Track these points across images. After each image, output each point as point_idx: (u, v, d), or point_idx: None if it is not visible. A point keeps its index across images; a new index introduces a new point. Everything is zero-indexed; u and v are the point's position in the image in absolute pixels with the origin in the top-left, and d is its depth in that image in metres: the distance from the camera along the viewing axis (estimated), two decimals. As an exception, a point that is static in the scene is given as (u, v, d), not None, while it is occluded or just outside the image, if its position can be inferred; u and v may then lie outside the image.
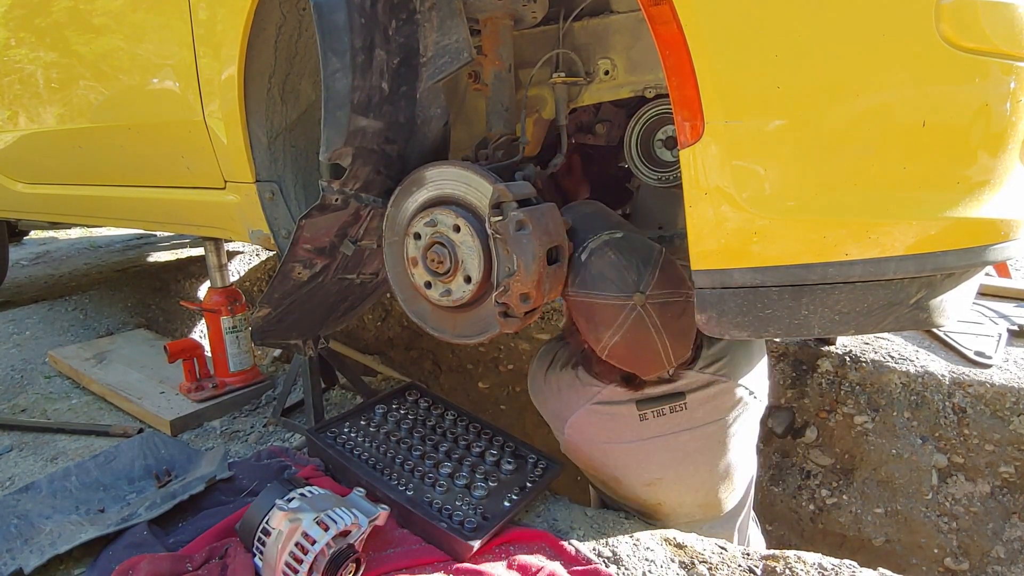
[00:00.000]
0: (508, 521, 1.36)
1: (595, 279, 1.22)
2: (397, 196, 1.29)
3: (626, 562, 1.29)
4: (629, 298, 1.19)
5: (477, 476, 1.48)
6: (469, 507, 1.37)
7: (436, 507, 1.36)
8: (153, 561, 1.22)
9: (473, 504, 1.39)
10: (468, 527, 1.30)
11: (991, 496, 2.01)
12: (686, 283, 1.22)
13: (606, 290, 1.20)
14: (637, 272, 1.20)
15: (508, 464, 1.51)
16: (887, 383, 2.16)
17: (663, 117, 1.46)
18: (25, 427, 2.01)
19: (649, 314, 1.19)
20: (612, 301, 1.20)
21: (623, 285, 1.19)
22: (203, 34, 1.46)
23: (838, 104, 0.89)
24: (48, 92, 2.03)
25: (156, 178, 1.94)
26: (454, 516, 1.34)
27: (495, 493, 1.43)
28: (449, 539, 1.28)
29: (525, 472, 1.51)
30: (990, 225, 0.94)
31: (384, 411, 1.71)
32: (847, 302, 0.96)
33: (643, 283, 1.19)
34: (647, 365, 1.28)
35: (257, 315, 1.47)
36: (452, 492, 1.43)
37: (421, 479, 1.46)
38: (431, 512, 1.34)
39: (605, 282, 1.21)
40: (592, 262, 1.23)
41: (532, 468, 1.52)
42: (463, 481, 1.45)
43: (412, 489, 1.42)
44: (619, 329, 1.21)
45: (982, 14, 0.87)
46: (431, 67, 1.23)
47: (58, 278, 3.89)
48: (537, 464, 1.53)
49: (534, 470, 1.52)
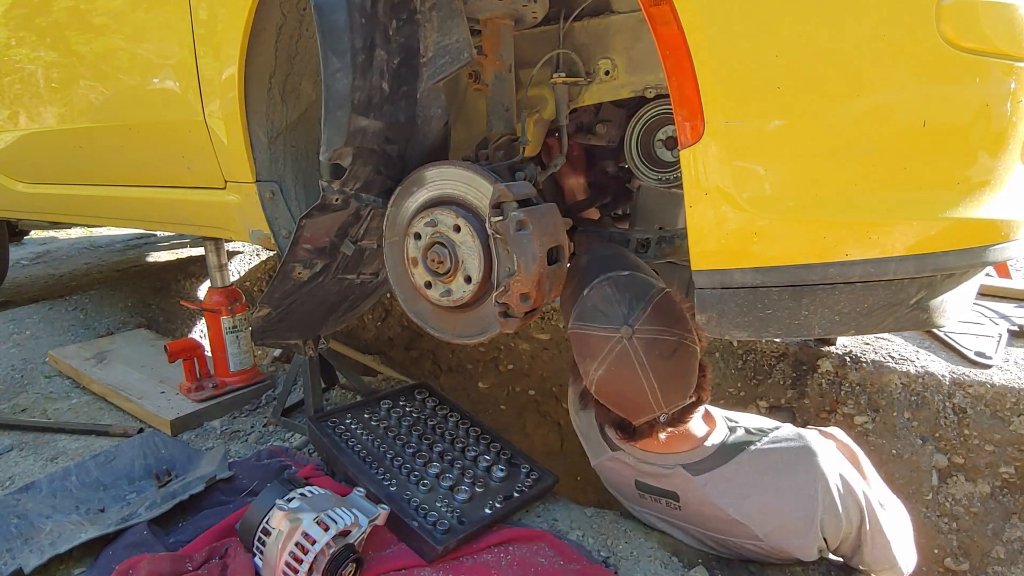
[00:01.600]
0: (485, 527, 1.33)
1: (589, 311, 1.22)
2: (397, 196, 1.29)
3: (626, 562, 1.29)
4: (616, 330, 1.16)
5: (465, 479, 1.46)
6: (447, 509, 1.36)
7: (414, 505, 1.35)
8: (153, 561, 1.22)
9: (452, 507, 1.37)
10: (440, 528, 1.29)
11: (991, 496, 2.01)
12: (683, 325, 1.18)
13: (596, 321, 1.20)
14: (628, 306, 1.18)
15: (500, 471, 1.49)
16: (887, 383, 2.16)
17: (663, 117, 1.46)
18: (25, 427, 2.01)
19: (635, 349, 1.15)
20: (599, 332, 1.19)
21: (612, 317, 1.18)
22: (203, 34, 1.46)
23: (838, 104, 0.89)
24: (48, 92, 2.03)
25: (156, 178, 1.94)
26: (428, 516, 1.32)
27: (478, 498, 1.41)
28: (418, 538, 1.27)
29: (515, 481, 1.48)
30: (990, 225, 0.94)
31: (389, 407, 1.72)
32: (847, 302, 0.96)
33: (632, 317, 1.16)
34: (633, 406, 1.20)
35: (257, 315, 1.47)
36: (435, 492, 1.42)
37: (407, 476, 1.45)
38: (407, 510, 1.33)
39: (596, 314, 1.21)
40: (590, 296, 1.24)
41: (524, 478, 1.49)
42: (448, 483, 1.43)
43: (395, 485, 1.42)
44: (603, 362, 1.18)
45: (982, 14, 0.87)
46: (431, 67, 1.23)
47: (58, 278, 3.89)
48: (530, 474, 1.50)
49: (525, 480, 1.48)
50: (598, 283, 1.25)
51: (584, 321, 1.22)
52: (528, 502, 1.45)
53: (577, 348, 1.25)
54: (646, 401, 1.17)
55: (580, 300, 1.25)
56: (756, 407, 2.39)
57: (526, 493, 1.44)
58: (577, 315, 1.25)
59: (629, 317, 1.17)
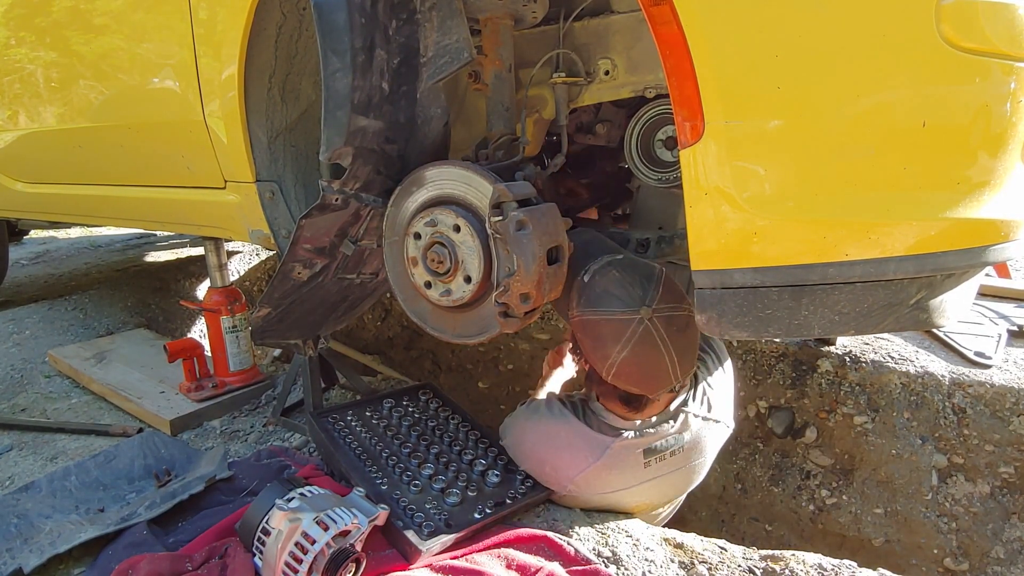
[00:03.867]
0: (473, 532, 1.31)
1: (600, 297, 1.24)
2: (397, 196, 1.29)
3: (626, 562, 1.29)
4: (636, 312, 1.21)
5: (458, 483, 1.44)
6: (436, 511, 1.35)
7: (403, 505, 1.34)
8: (153, 561, 1.22)
9: (441, 509, 1.36)
10: (426, 530, 1.27)
11: (991, 496, 2.01)
12: (687, 299, 1.24)
13: (612, 306, 1.23)
14: (642, 288, 1.23)
15: (494, 477, 1.46)
16: (887, 383, 2.16)
17: (663, 117, 1.46)
18: (25, 426, 2.01)
19: (656, 327, 1.21)
20: (619, 316, 1.22)
21: (629, 300, 1.22)
22: (203, 34, 1.46)
23: (838, 104, 0.89)
24: (48, 92, 2.03)
25: (156, 178, 1.94)
26: (415, 517, 1.31)
27: (469, 503, 1.38)
28: (402, 538, 1.26)
29: (509, 488, 1.45)
30: (990, 226, 0.94)
31: (391, 406, 1.71)
32: (847, 302, 0.96)
33: (648, 297, 1.22)
34: (655, 381, 1.27)
35: (257, 315, 1.47)
36: (425, 494, 1.40)
37: (400, 476, 1.44)
38: (395, 510, 1.32)
39: (611, 298, 1.23)
40: (597, 281, 1.26)
41: (518, 485, 1.46)
42: (440, 485, 1.41)
43: (387, 484, 1.41)
44: (627, 344, 1.22)
45: (982, 14, 0.87)
46: (431, 67, 1.23)
47: (58, 277, 3.89)
48: (524, 482, 1.46)
49: (519, 488, 1.45)
50: (601, 268, 1.27)
51: (598, 307, 1.24)
52: (519, 511, 1.41)
53: (591, 334, 1.26)
54: (666, 374, 1.25)
55: (584, 287, 1.27)
56: (756, 407, 2.39)
57: (519, 500, 1.41)
58: (586, 301, 1.25)
59: (646, 298, 1.22)
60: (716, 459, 1.53)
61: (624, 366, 1.24)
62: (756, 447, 2.39)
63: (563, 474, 1.41)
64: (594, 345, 1.27)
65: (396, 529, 1.27)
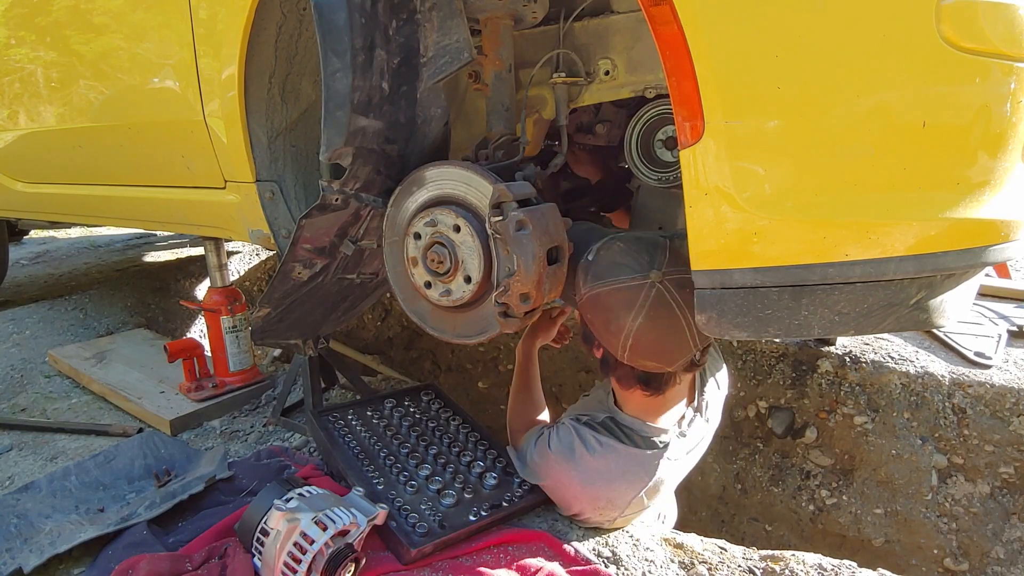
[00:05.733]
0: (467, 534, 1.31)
1: (608, 268, 1.21)
2: (397, 196, 1.29)
3: (625, 562, 1.29)
4: (646, 276, 1.17)
5: (455, 484, 1.43)
6: (430, 512, 1.34)
7: (397, 506, 1.34)
8: (152, 561, 1.22)
9: (436, 510, 1.35)
10: (419, 531, 1.27)
11: (991, 497, 2.01)
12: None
13: (622, 274, 1.19)
14: (649, 254, 1.20)
15: (492, 479, 1.45)
16: (887, 383, 2.16)
17: (663, 117, 1.46)
18: (25, 426, 2.01)
19: (668, 289, 1.17)
20: (629, 283, 1.18)
21: (638, 266, 1.19)
22: (203, 33, 1.46)
23: (838, 104, 0.89)
24: (48, 91, 2.03)
25: (156, 178, 1.94)
26: (409, 518, 1.31)
27: (464, 504, 1.38)
28: (394, 539, 1.26)
29: (506, 491, 1.44)
30: (990, 226, 0.94)
31: (392, 406, 1.71)
32: (847, 303, 0.96)
33: (657, 262, 1.19)
34: (674, 350, 1.20)
35: (257, 315, 1.47)
36: (421, 494, 1.40)
37: (397, 476, 1.44)
38: (390, 510, 1.31)
39: (619, 267, 1.20)
40: (602, 256, 1.23)
41: (516, 488, 1.45)
42: (436, 486, 1.41)
43: (383, 484, 1.40)
44: (640, 309, 1.17)
45: (982, 14, 0.87)
46: (431, 67, 1.23)
47: (58, 277, 3.89)
48: (522, 485, 1.45)
49: (516, 491, 1.44)
50: (604, 243, 1.25)
51: (607, 278, 1.21)
52: (515, 514, 1.41)
53: (604, 306, 1.22)
54: (685, 340, 1.19)
55: (590, 264, 1.24)
56: (756, 407, 2.39)
57: (515, 504, 1.40)
58: (594, 276, 1.22)
59: (654, 263, 1.19)
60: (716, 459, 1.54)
61: (640, 335, 1.18)
62: (756, 447, 2.39)
63: (619, 503, 1.34)
64: (607, 319, 1.22)
65: (390, 530, 1.27)
